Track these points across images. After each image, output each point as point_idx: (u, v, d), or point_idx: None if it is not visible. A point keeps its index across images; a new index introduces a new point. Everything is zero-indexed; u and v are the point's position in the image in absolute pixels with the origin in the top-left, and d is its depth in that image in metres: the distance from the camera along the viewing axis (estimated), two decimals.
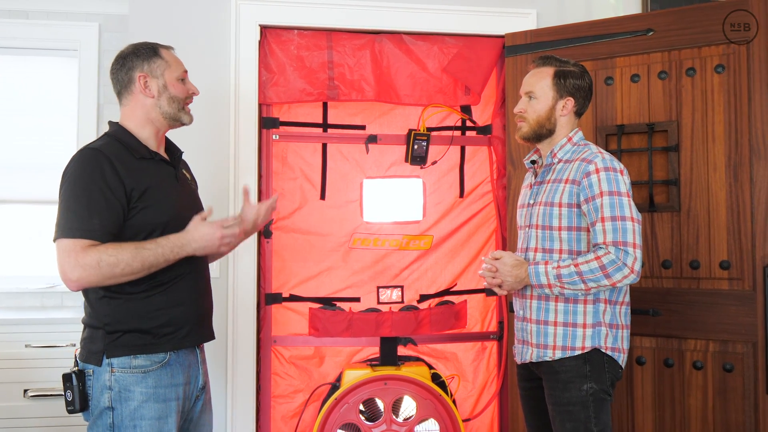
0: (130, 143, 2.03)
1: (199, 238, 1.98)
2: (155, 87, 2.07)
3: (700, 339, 2.67)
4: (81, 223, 1.88)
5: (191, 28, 3.05)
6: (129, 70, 2.07)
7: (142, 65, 2.07)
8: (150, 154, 2.06)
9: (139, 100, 2.08)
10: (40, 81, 3.69)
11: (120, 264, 1.87)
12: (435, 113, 3.27)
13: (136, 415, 1.93)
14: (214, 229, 2.00)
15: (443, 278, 3.28)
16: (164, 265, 1.95)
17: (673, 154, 2.74)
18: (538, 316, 2.25)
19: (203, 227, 1.99)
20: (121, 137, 2.04)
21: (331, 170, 3.22)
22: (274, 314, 3.16)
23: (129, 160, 1.99)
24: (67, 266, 1.86)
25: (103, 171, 1.92)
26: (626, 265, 2.06)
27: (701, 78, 2.70)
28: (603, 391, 2.17)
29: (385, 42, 3.20)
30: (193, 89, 2.16)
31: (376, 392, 3.00)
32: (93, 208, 1.89)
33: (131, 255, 1.88)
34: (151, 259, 1.91)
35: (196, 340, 2.10)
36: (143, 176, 1.99)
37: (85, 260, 1.85)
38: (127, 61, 2.08)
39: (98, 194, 1.90)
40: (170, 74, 2.09)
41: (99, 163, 1.93)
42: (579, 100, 2.31)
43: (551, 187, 2.26)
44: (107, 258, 1.86)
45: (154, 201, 1.98)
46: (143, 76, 2.06)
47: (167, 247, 1.94)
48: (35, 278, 3.62)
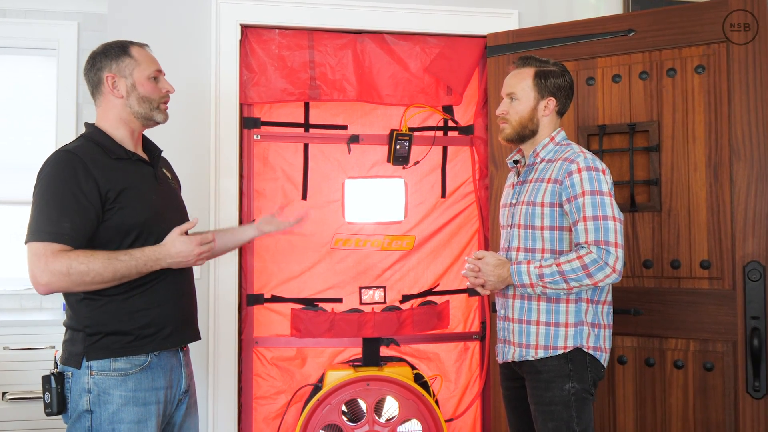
0: (105, 144, 2.00)
1: (176, 253, 1.96)
2: (123, 87, 2.04)
3: (680, 338, 2.69)
4: (52, 227, 1.85)
5: (171, 26, 3.02)
6: (98, 71, 2.04)
7: (110, 65, 2.04)
8: (127, 155, 2.03)
9: (110, 101, 2.05)
10: (17, 80, 3.65)
11: (90, 273, 1.84)
12: (417, 113, 3.26)
13: (114, 419, 1.90)
14: (191, 247, 1.97)
15: (425, 278, 3.28)
16: (136, 276, 1.93)
17: (654, 154, 2.75)
18: (521, 315, 2.25)
19: (180, 244, 1.97)
20: (96, 138, 2.01)
21: (313, 170, 3.21)
22: (256, 315, 3.14)
23: (105, 162, 1.96)
24: (36, 270, 1.84)
25: (77, 174, 1.89)
26: (608, 265, 2.07)
27: (682, 78, 2.72)
28: (585, 390, 2.17)
29: (367, 42, 3.19)
30: (167, 87, 2.12)
31: (358, 393, 2.99)
32: (65, 211, 1.86)
33: (102, 265, 1.86)
34: (123, 271, 1.89)
35: (179, 341, 2.07)
36: (119, 177, 1.96)
37: (54, 266, 1.82)
38: (96, 61, 2.06)
39: (71, 198, 1.87)
40: (140, 73, 2.05)
41: (72, 166, 1.90)
42: (560, 100, 2.31)
43: (533, 186, 2.26)
44: (77, 266, 1.83)
45: (130, 201, 1.96)
46: (111, 77, 2.03)
47: (141, 260, 1.92)
48: (13, 280, 3.58)
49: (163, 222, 2.02)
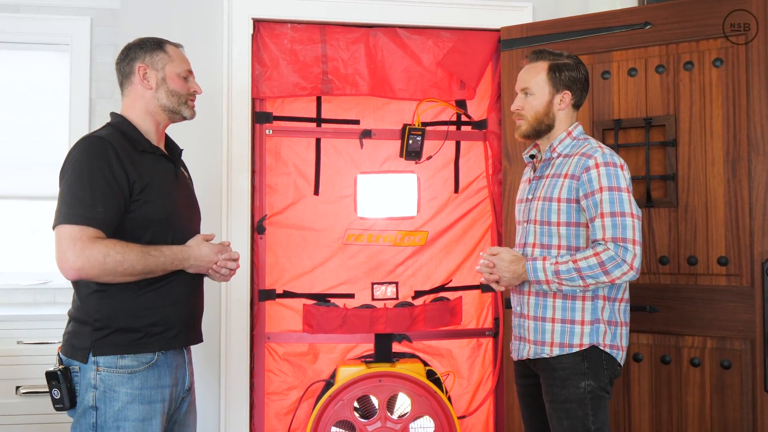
0: (132, 135, 2.00)
1: (199, 256, 2.01)
2: (154, 79, 2.04)
3: (697, 336, 2.65)
4: (86, 211, 1.83)
5: (183, 21, 3.02)
6: (131, 61, 2.06)
7: (143, 56, 2.05)
8: (152, 148, 2.03)
9: (139, 92, 2.05)
10: (31, 76, 3.65)
11: (125, 263, 1.84)
12: (430, 108, 3.24)
13: (120, 416, 1.89)
14: (213, 255, 2.04)
15: (438, 274, 3.26)
16: (161, 273, 1.94)
17: (671, 149, 2.72)
18: (536, 312, 2.22)
19: (205, 247, 2.03)
20: (123, 128, 2.01)
21: (325, 165, 3.19)
22: (268, 311, 3.13)
23: (132, 152, 1.95)
24: (70, 254, 1.80)
25: (109, 160, 1.88)
26: (625, 262, 2.03)
27: (699, 72, 2.68)
28: (601, 388, 2.14)
29: (380, 36, 3.17)
30: (195, 87, 2.13)
31: (370, 389, 2.97)
32: (97, 196, 1.85)
33: (137, 257, 1.86)
34: (152, 266, 1.90)
35: (185, 341, 2.06)
36: (145, 170, 1.96)
37: (91, 252, 1.80)
38: (130, 51, 2.07)
39: (104, 183, 1.86)
40: (172, 69, 2.06)
41: (105, 152, 1.89)
42: (576, 93, 2.27)
43: (550, 182, 2.22)
44: (114, 254, 1.82)
45: (154, 196, 1.95)
46: (143, 67, 2.04)
47: (169, 258, 1.94)
48: (27, 274, 3.59)
49: (180, 220, 2.03)
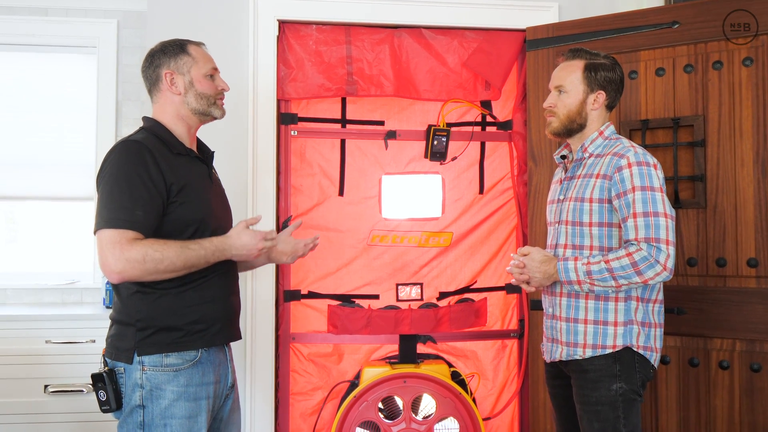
0: (166, 138, 2.02)
1: (240, 246, 2.00)
2: (181, 84, 2.06)
3: (726, 338, 2.62)
4: (126, 214, 1.85)
5: (209, 23, 3.04)
6: (156, 68, 2.07)
7: (168, 62, 2.06)
8: (186, 151, 2.05)
9: (168, 98, 2.07)
10: (58, 78, 3.69)
11: (165, 261, 1.85)
12: (455, 108, 3.23)
13: (166, 414, 1.91)
14: (256, 240, 2.02)
15: (463, 275, 3.25)
16: (203, 266, 1.95)
17: (699, 149, 2.69)
18: (568, 313, 2.20)
19: (245, 236, 2.01)
20: (157, 132, 2.03)
21: (350, 166, 3.20)
22: (293, 311, 3.14)
23: (167, 155, 1.97)
24: (111, 258, 1.83)
25: (146, 163, 1.90)
26: (659, 262, 2.01)
27: (728, 71, 2.65)
28: (633, 391, 2.12)
29: (405, 36, 3.17)
30: (222, 85, 2.14)
31: (395, 390, 2.97)
32: (136, 199, 1.87)
33: (176, 253, 1.87)
34: (193, 260, 1.91)
35: (227, 338, 2.09)
36: (181, 172, 1.98)
37: (130, 254, 1.82)
38: (155, 58, 2.08)
39: (141, 187, 1.88)
40: (197, 71, 2.07)
41: (142, 155, 1.91)
42: (610, 94, 2.25)
43: (582, 182, 2.21)
44: (153, 253, 1.84)
45: (190, 198, 1.97)
46: (169, 73, 2.05)
47: (209, 250, 1.94)
48: (55, 274, 3.63)
49: (216, 221, 2.05)
